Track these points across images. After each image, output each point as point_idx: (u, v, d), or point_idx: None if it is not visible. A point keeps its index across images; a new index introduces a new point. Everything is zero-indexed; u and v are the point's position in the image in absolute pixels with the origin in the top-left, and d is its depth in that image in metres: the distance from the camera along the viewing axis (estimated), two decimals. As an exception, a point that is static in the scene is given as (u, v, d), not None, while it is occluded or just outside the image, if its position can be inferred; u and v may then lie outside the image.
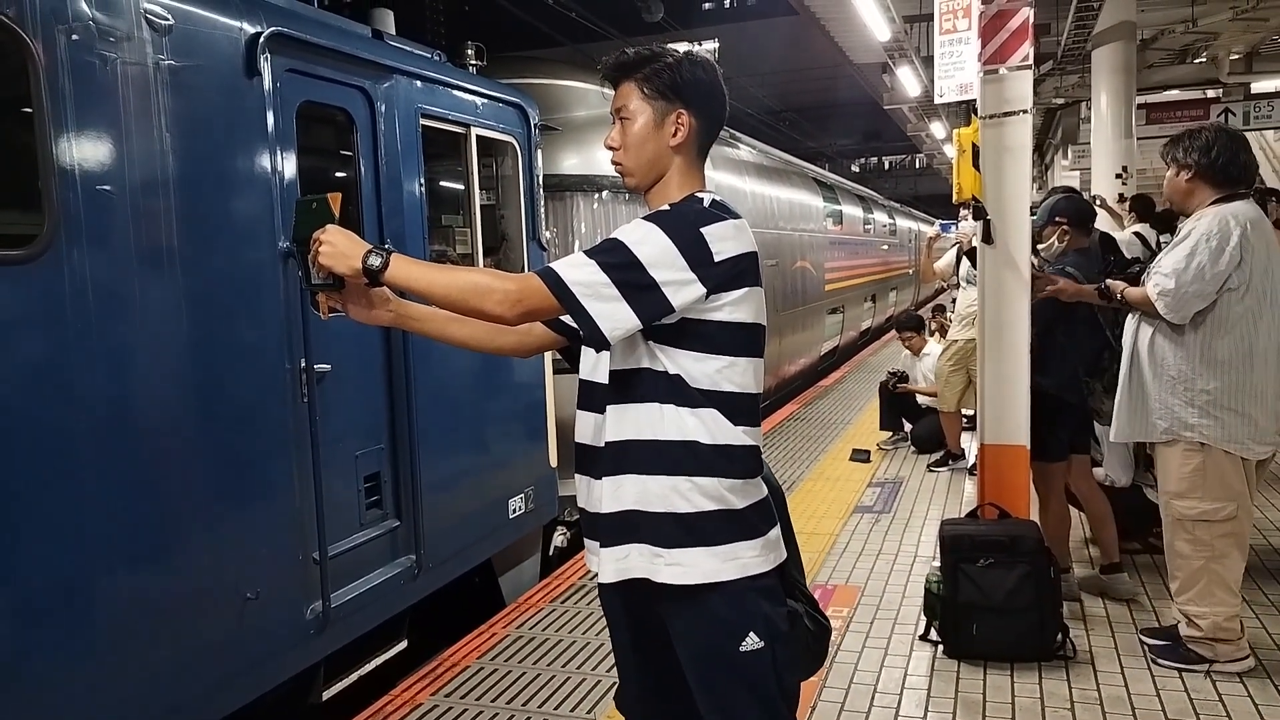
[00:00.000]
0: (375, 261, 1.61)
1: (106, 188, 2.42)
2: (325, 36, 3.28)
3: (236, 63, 2.89)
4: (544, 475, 4.80)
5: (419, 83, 3.82)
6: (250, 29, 2.91)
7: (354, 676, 3.47)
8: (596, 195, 5.92)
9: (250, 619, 2.89)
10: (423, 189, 3.79)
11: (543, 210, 4.83)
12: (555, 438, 4.84)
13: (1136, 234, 6.22)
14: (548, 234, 5.39)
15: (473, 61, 4.61)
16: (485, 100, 4.34)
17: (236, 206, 2.90)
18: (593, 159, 5.86)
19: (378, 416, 3.61)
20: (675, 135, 1.74)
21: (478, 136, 4.27)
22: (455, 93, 4.11)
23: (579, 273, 1.60)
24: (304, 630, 3.11)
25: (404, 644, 3.76)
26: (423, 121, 3.84)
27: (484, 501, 4.27)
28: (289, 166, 3.11)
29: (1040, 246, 4.09)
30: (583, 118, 6.06)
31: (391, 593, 3.56)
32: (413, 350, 3.66)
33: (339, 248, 1.63)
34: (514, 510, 4.48)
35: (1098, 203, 7.63)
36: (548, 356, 4.64)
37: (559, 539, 5.31)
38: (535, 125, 4.75)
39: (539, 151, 4.80)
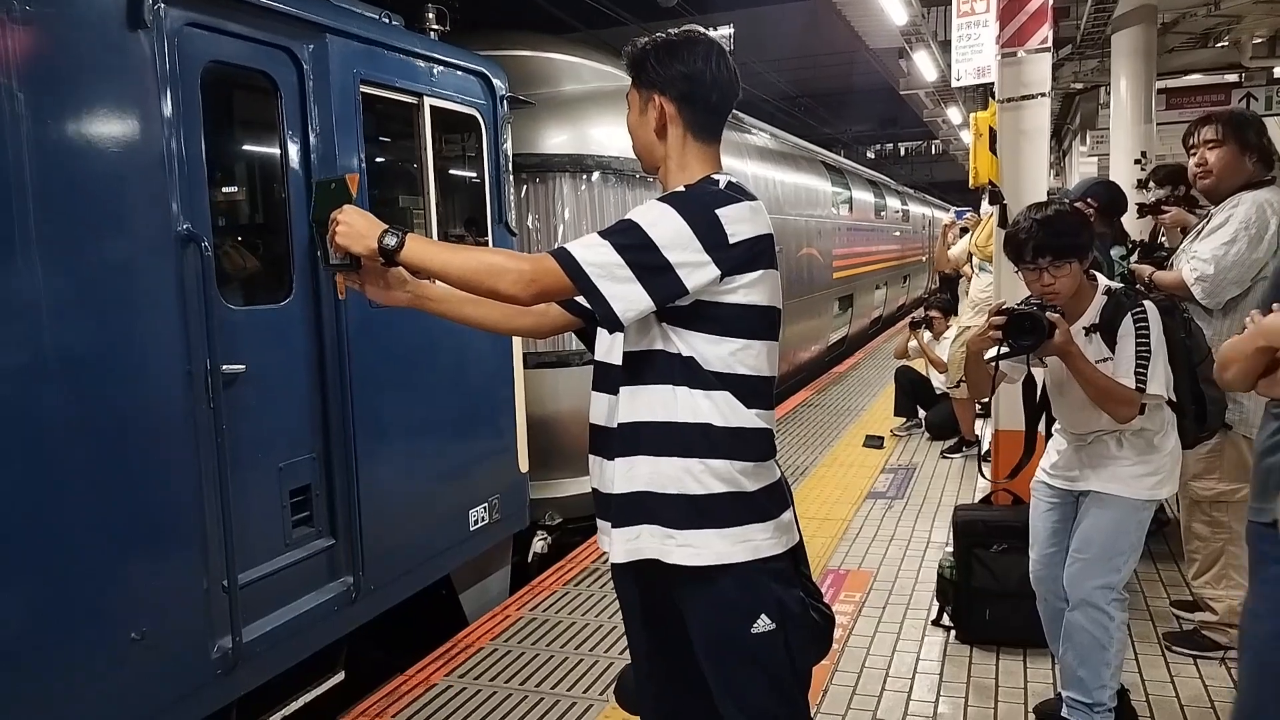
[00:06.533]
0: (391, 242, 1.62)
1: None
2: None
3: (116, 12, 2.43)
4: (512, 481, 4.35)
5: (359, 45, 3.37)
6: None
7: (276, 718, 3.10)
8: (584, 177, 5.32)
9: (136, 662, 2.49)
10: (363, 165, 3.37)
11: (510, 190, 4.36)
12: (526, 439, 4.44)
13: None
14: (531, 220, 5.07)
15: (433, 26, 4.10)
16: (442, 67, 3.84)
17: (115, 184, 2.47)
18: (582, 137, 5.30)
19: (307, 422, 3.18)
20: (655, 121, 1.76)
21: (432, 108, 3.80)
22: (404, 58, 3.64)
23: (593, 253, 1.60)
24: (208, 670, 2.73)
25: (340, 676, 3.38)
26: (363, 89, 3.39)
27: (438, 514, 3.84)
28: (191, 137, 2.67)
29: None
30: (571, 92, 5.48)
31: (323, 621, 3.17)
32: (351, 346, 3.26)
33: (355, 228, 1.64)
34: (476, 521, 4.06)
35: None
36: (517, 351, 4.36)
37: (539, 545, 5.00)
38: (502, 97, 4.27)
39: (507, 126, 4.33)
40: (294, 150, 3.12)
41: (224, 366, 2.76)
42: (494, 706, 3.21)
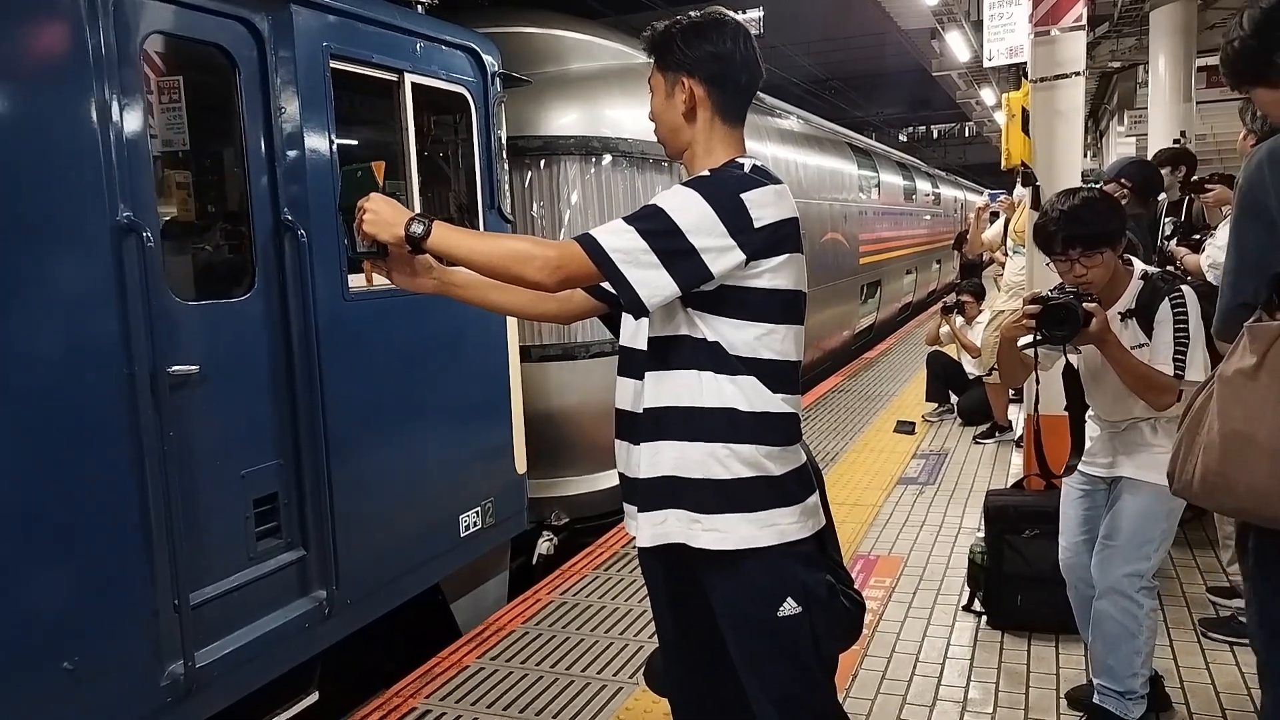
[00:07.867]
0: (417, 229, 1.63)
1: None
2: None
3: None
4: (508, 483, 4.07)
5: (328, 16, 3.12)
6: None
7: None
8: (594, 160, 4.95)
9: (69, 695, 2.28)
10: (334, 147, 3.09)
11: (504, 173, 4.10)
12: (524, 438, 4.20)
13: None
14: (536, 207, 4.90)
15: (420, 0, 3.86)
16: (426, 42, 3.57)
17: (39, 169, 2.26)
18: (592, 118, 4.96)
19: (274, 425, 2.94)
20: (684, 104, 1.74)
21: (414, 85, 3.52)
22: (381, 31, 3.37)
23: (618, 239, 1.61)
24: (156, 698, 2.51)
25: (314, 697, 3.14)
26: (333, 64, 3.13)
27: (423, 520, 3.59)
28: (131, 117, 2.44)
29: None
30: (578, 70, 5.18)
31: (292, 639, 2.94)
32: (322, 342, 3.03)
33: (382, 215, 1.65)
34: (467, 527, 3.82)
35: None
36: (513, 345, 4.15)
37: (544, 547, 4.80)
38: (494, 74, 4.00)
39: (501, 105, 4.06)
40: (255, 132, 2.88)
41: (172, 368, 2.55)
42: (525, 688, 3.25)
